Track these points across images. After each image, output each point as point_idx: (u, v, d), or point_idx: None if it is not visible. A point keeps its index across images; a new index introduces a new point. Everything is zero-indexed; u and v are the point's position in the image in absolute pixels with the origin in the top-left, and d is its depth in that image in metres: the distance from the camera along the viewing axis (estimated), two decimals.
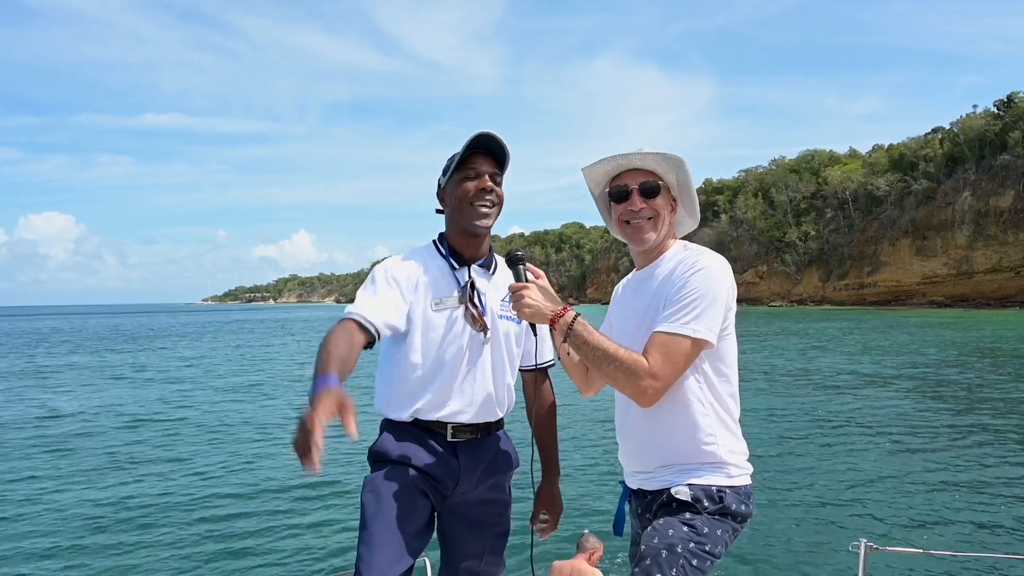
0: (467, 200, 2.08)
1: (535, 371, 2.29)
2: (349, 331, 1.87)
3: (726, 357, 1.94)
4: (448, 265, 2.13)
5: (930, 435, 12.66)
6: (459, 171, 2.10)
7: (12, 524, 8.31)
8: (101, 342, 48.24)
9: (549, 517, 2.31)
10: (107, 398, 19.49)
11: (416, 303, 2.06)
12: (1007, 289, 79.67)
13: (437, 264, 2.13)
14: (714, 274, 1.86)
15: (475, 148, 2.08)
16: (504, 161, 2.12)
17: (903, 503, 8.70)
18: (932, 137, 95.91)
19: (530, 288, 1.92)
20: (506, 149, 2.09)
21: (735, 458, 1.91)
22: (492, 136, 2.07)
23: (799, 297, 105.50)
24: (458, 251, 2.15)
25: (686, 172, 2.00)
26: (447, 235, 2.18)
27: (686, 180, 2.02)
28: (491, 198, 2.09)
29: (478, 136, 2.06)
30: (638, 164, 1.99)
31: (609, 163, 2.01)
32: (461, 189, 2.08)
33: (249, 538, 7.69)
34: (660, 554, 1.75)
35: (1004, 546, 7.23)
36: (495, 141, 2.08)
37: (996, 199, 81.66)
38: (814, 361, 25.79)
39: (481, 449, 2.16)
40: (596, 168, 2.04)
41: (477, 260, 2.16)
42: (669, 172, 2.00)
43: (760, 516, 6.47)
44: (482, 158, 2.10)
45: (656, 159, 1.97)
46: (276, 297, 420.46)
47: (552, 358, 2.32)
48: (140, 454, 12.12)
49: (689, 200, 2.07)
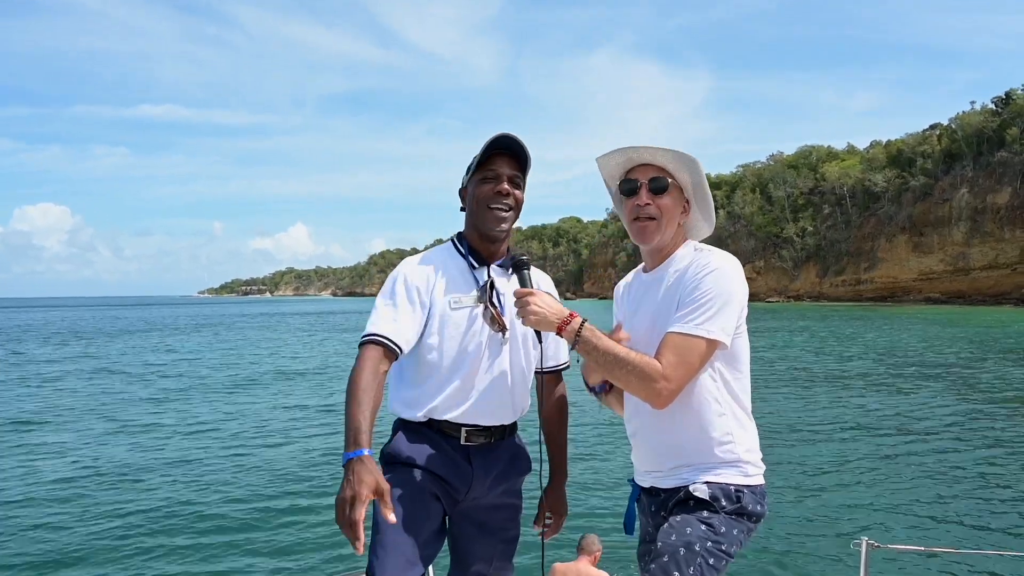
0: (484, 203, 2.06)
1: (550, 373, 2.27)
2: (375, 362, 1.89)
3: (740, 356, 1.94)
4: (467, 264, 2.11)
5: (931, 432, 12.67)
6: (478, 172, 2.07)
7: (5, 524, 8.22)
8: (112, 336, 48.10)
9: (554, 520, 2.30)
10: (119, 396, 19.39)
11: (435, 303, 2.04)
12: (1003, 286, 79.94)
13: (456, 263, 2.11)
14: (727, 275, 1.86)
15: (495, 149, 2.05)
16: (526, 164, 2.10)
17: (905, 501, 8.69)
18: (930, 133, 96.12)
19: (536, 294, 1.89)
20: (526, 151, 2.07)
21: (752, 456, 1.92)
22: (512, 138, 2.05)
23: (796, 293, 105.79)
24: (477, 251, 2.13)
25: (700, 174, 1.98)
26: (466, 234, 2.17)
27: (700, 182, 2.00)
28: (508, 202, 2.07)
29: (497, 137, 2.04)
30: (647, 159, 1.97)
31: (621, 155, 1.99)
32: (479, 191, 2.07)
33: (256, 538, 7.62)
34: (678, 551, 1.75)
35: (1006, 543, 7.22)
36: (515, 143, 2.05)
37: (993, 196, 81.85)
38: (814, 359, 25.88)
39: (494, 454, 2.13)
40: (609, 159, 2.01)
41: (496, 260, 2.14)
42: (681, 171, 1.97)
43: None
44: (503, 160, 2.07)
45: (666, 155, 1.95)
46: (273, 290, 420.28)
47: (567, 360, 2.30)
48: (145, 453, 12.05)
49: (704, 204, 2.04)
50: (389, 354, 1.93)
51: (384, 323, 1.96)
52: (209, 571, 6.82)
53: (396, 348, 1.94)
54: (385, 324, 1.95)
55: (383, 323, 1.96)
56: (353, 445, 1.73)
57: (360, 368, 1.87)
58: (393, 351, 1.93)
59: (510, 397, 2.11)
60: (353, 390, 1.83)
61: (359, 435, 1.75)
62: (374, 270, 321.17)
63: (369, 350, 1.91)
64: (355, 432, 1.75)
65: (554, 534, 2.31)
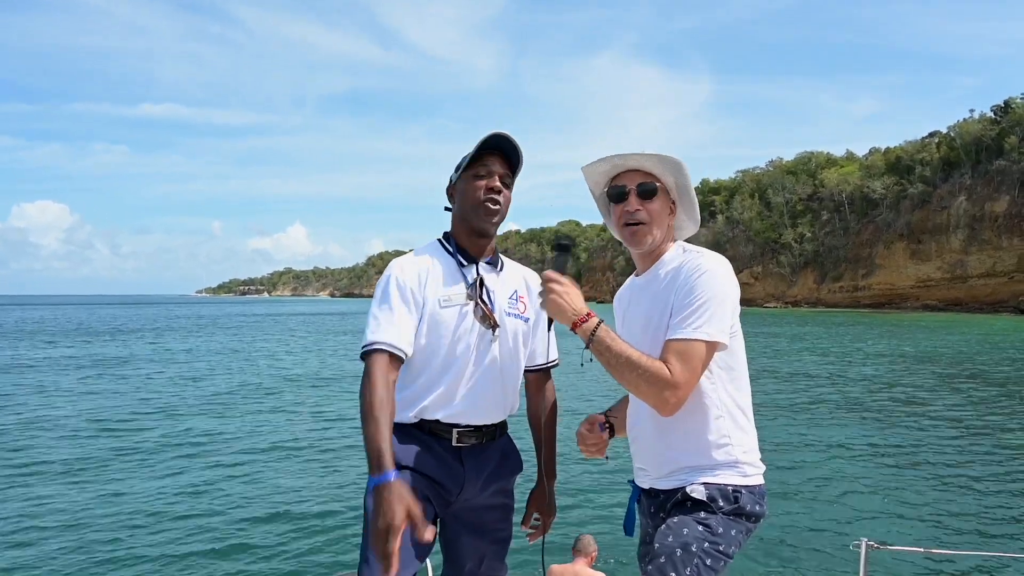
0: (477, 199, 2.05)
1: (539, 371, 2.28)
2: (384, 373, 1.87)
3: (736, 355, 1.95)
4: (456, 263, 2.10)
5: (931, 434, 12.68)
6: (470, 169, 2.07)
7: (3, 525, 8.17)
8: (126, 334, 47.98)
9: (541, 520, 2.29)
10: (119, 396, 19.33)
11: (425, 302, 2.03)
12: (1000, 294, 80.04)
13: (444, 262, 2.10)
14: (719, 275, 1.88)
15: (488, 148, 2.05)
16: (517, 165, 2.10)
17: (904, 502, 8.70)
18: (929, 141, 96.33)
19: (565, 284, 1.87)
20: (520, 152, 2.07)
21: (750, 457, 1.92)
22: (506, 137, 2.05)
23: (794, 299, 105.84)
24: (465, 248, 2.12)
25: (685, 175, 2.00)
26: (454, 233, 2.16)
27: (685, 183, 2.03)
28: (499, 198, 2.07)
29: (492, 136, 2.04)
30: (635, 165, 1.99)
31: (607, 163, 2.01)
32: (471, 187, 2.06)
33: (250, 539, 7.58)
34: (675, 553, 1.76)
35: (1005, 544, 7.23)
36: (509, 143, 2.06)
37: (991, 204, 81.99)
38: (813, 363, 25.87)
39: (486, 454, 2.13)
40: (595, 167, 2.04)
41: (484, 258, 2.14)
42: (667, 174, 2.00)
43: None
44: (495, 159, 2.08)
45: (653, 160, 1.97)
46: (271, 290, 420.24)
47: (556, 358, 2.30)
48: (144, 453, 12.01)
49: (689, 203, 2.07)
50: (395, 361, 1.92)
51: (385, 330, 1.94)
52: (208, 571, 6.77)
53: (402, 354, 1.94)
54: (386, 331, 1.94)
55: (384, 330, 1.94)
56: (377, 470, 1.69)
57: (371, 383, 1.84)
58: (399, 357, 1.93)
59: (501, 394, 2.11)
60: (368, 408, 1.80)
61: (382, 458, 1.71)
62: (372, 271, 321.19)
63: (376, 361, 1.89)
64: (377, 455, 1.71)
65: (543, 535, 2.29)
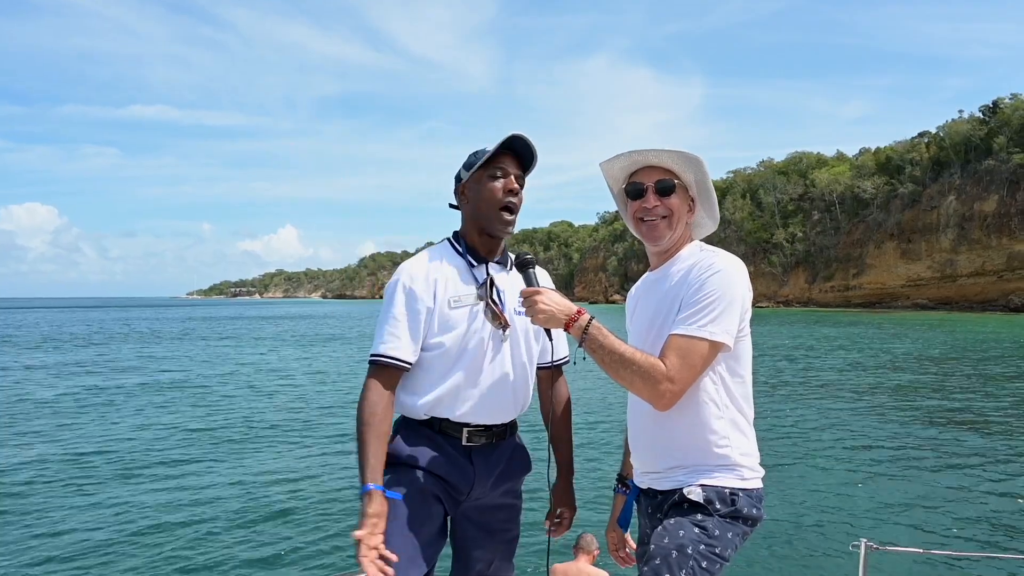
0: (494, 201, 2.05)
1: (551, 368, 2.28)
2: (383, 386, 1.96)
3: (742, 359, 1.93)
4: (466, 263, 2.10)
5: (929, 435, 12.74)
6: (486, 168, 2.05)
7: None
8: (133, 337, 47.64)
9: (563, 516, 2.31)
10: (118, 396, 19.20)
11: (435, 303, 2.03)
12: (989, 293, 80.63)
13: (455, 263, 2.09)
14: (731, 276, 1.85)
15: (506, 149, 2.04)
16: (530, 168, 2.11)
17: (903, 503, 8.73)
18: (918, 141, 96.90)
19: (543, 292, 1.88)
20: (536, 156, 2.07)
21: (748, 460, 1.91)
22: (528, 142, 2.04)
23: (785, 299, 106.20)
24: (475, 248, 2.12)
25: (704, 172, 1.99)
26: (463, 233, 2.15)
27: (704, 180, 2.01)
28: (516, 200, 2.07)
29: (513, 137, 2.03)
30: (654, 161, 1.98)
31: (626, 159, 1.99)
32: (488, 188, 2.05)
33: (256, 538, 7.56)
34: (670, 554, 1.75)
35: (1004, 545, 7.26)
36: (528, 146, 2.05)
37: (980, 203, 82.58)
38: (811, 362, 25.95)
39: (496, 454, 2.13)
40: (613, 163, 2.02)
41: (494, 257, 2.14)
42: (686, 171, 1.98)
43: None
44: (510, 160, 2.07)
45: (673, 157, 1.95)
46: (262, 292, 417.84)
47: (567, 355, 2.30)
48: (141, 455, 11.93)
49: (708, 202, 2.06)
50: (397, 372, 1.99)
51: (389, 343, 1.98)
52: (214, 570, 6.76)
53: (406, 365, 1.99)
54: (390, 344, 1.98)
55: (388, 343, 1.98)
56: (361, 480, 1.87)
57: (370, 397, 1.95)
58: (401, 368, 1.99)
59: (512, 393, 2.11)
60: (364, 419, 1.92)
61: (364, 470, 1.87)
62: (364, 272, 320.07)
63: (377, 374, 1.97)
64: (363, 467, 1.88)
65: (565, 531, 2.31)
